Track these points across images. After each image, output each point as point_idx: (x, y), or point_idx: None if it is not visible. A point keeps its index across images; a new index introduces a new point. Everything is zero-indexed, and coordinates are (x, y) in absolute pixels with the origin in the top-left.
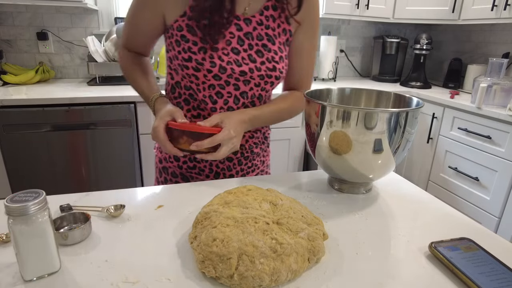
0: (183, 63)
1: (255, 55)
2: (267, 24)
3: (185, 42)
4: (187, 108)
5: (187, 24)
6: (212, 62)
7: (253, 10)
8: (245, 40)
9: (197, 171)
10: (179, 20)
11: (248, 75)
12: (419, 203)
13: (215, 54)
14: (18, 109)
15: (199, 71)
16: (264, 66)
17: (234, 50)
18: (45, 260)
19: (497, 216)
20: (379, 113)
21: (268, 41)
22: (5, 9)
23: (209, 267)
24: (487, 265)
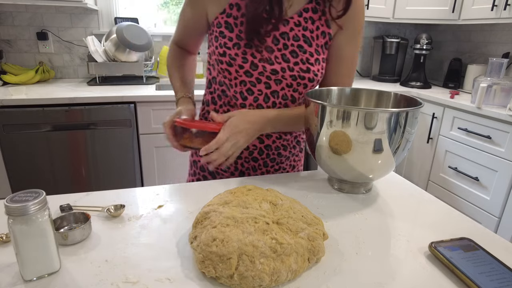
0: (219, 57)
1: (289, 55)
2: (305, 25)
3: (222, 37)
4: (219, 103)
5: (226, 21)
6: (244, 58)
7: (292, 11)
8: (280, 39)
9: (224, 168)
10: (219, 17)
11: (279, 74)
12: (419, 203)
13: (248, 50)
14: (18, 109)
15: (232, 66)
16: (298, 67)
17: (267, 48)
18: (45, 260)
19: (497, 216)
20: (379, 113)
21: (305, 43)
22: (5, 9)
23: (209, 267)
24: (487, 265)
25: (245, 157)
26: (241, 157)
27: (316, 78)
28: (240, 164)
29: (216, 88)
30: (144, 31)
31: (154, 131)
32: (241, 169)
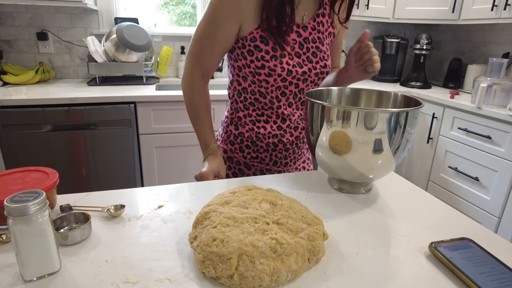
0: (256, 70)
1: (311, 57)
2: (319, 29)
3: (258, 51)
4: (252, 109)
5: (261, 35)
6: (282, 67)
7: (308, 17)
8: (304, 44)
9: (259, 160)
10: (254, 32)
11: (307, 74)
12: (419, 203)
13: (284, 60)
14: (18, 109)
15: (271, 76)
16: (319, 65)
17: (296, 54)
18: (45, 260)
19: (497, 216)
20: (379, 113)
21: (320, 43)
22: (5, 9)
23: (209, 267)
24: (487, 265)
25: (279, 149)
26: (276, 149)
27: (329, 70)
28: (274, 155)
29: (247, 97)
30: (144, 31)
31: (154, 131)
32: (275, 159)
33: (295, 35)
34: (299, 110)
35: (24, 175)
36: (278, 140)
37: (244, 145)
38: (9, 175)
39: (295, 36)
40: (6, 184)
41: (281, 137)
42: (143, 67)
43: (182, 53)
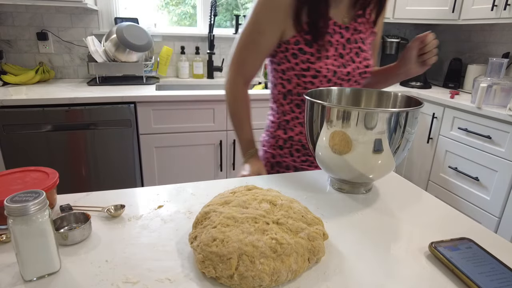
0: (301, 72)
1: (354, 57)
2: (360, 29)
3: (302, 54)
4: (298, 111)
5: (305, 38)
6: (327, 68)
7: (349, 19)
8: (347, 45)
9: (309, 164)
10: (297, 36)
11: (351, 74)
12: (419, 203)
13: (328, 61)
14: (18, 109)
15: (317, 78)
16: (362, 65)
17: (340, 55)
18: (45, 260)
19: (497, 216)
20: (379, 113)
21: (362, 43)
22: (5, 9)
23: (209, 267)
24: (487, 265)
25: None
26: None
27: (371, 69)
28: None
29: (293, 99)
30: (144, 31)
31: (154, 131)
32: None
33: (338, 36)
34: None
35: (24, 175)
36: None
37: (294, 149)
38: (9, 175)
39: (338, 37)
40: (6, 184)
41: None
42: (143, 67)
43: (182, 53)
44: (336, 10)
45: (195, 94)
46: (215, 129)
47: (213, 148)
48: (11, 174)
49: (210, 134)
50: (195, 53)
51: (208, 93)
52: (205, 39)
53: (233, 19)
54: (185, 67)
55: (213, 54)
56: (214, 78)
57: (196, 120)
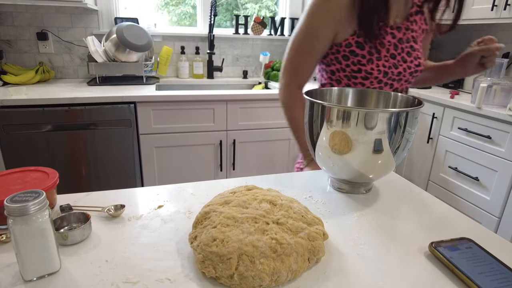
0: (352, 74)
1: (406, 56)
2: (412, 28)
3: (354, 56)
4: None
5: (356, 41)
6: (378, 70)
7: (401, 18)
8: (398, 45)
9: None
10: (349, 39)
11: (402, 74)
12: (419, 203)
13: (380, 62)
14: (18, 109)
15: (367, 79)
16: (413, 64)
17: (392, 56)
18: (45, 260)
19: (497, 216)
20: (379, 113)
21: (414, 42)
22: (5, 9)
23: (209, 267)
24: (487, 265)
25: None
26: None
27: (422, 67)
28: None
29: None
30: (144, 31)
31: (154, 131)
32: None
33: (390, 37)
34: None
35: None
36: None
37: None
38: (9, 175)
39: (390, 38)
40: (6, 184)
41: None
42: (143, 67)
43: (182, 53)
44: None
45: (195, 94)
46: (215, 129)
47: (213, 148)
48: (11, 174)
49: (210, 134)
50: (195, 53)
51: (208, 93)
52: (205, 39)
53: (233, 19)
54: (185, 67)
55: (213, 54)
56: (214, 78)
57: (196, 120)
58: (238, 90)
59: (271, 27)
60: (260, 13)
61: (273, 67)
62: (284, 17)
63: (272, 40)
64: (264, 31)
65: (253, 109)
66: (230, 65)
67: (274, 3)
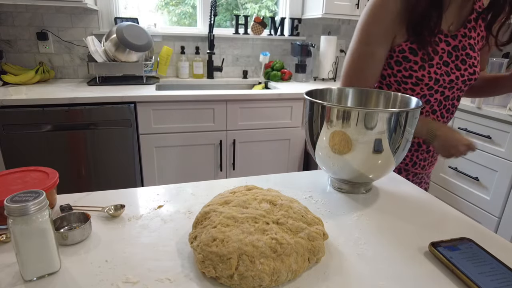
0: (403, 79)
1: (460, 64)
2: (470, 35)
3: (406, 62)
4: None
5: (410, 47)
6: (430, 76)
7: (457, 26)
8: (453, 52)
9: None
10: (403, 44)
11: (454, 82)
12: (419, 203)
13: (431, 69)
14: (18, 109)
15: (418, 85)
16: (467, 72)
17: (445, 63)
18: (45, 260)
19: (497, 216)
20: (379, 113)
21: (470, 50)
22: (5, 9)
23: (209, 267)
24: (487, 265)
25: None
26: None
27: (477, 76)
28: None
29: None
30: (144, 31)
31: (154, 131)
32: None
33: (444, 45)
34: (443, 118)
35: (24, 175)
36: (422, 140)
37: None
38: (9, 175)
39: (444, 46)
40: (6, 184)
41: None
42: (143, 67)
43: (182, 53)
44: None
45: (195, 94)
46: (215, 129)
47: (213, 148)
48: (11, 174)
49: (210, 134)
50: (195, 53)
51: (208, 93)
52: (205, 39)
53: (233, 19)
54: (185, 67)
55: (213, 54)
56: (214, 78)
57: (196, 120)
58: (238, 90)
59: (271, 27)
60: (260, 13)
61: (273, 67)
62: (284, 17)
63: (272, 40)
64: (264, 31)
65: (253, 109)
66: (230, 65)
67: (274, 3)
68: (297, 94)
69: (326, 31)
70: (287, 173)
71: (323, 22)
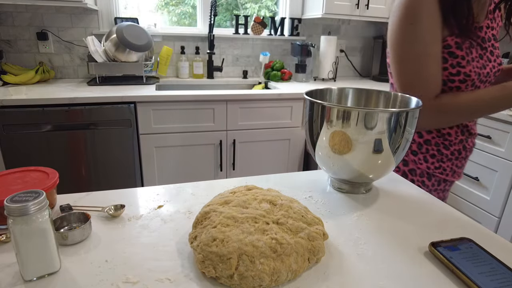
0: (450, 77)
1: (490, 56)
2: (492, 26)
3: (453, 58)
4: None
5: (456, 41)
6: (474, 71)
7: (481, 17)
8: (482, 44)
9: (441, 171)
10: (448, 39)
11: (489, 75)
12: (419, 203)
13: (476, 64)
14: (18, 109)
15: (464, 82)
16: (496, 63)
17: (480, 56)
18: (45, 260)
19: (497, 216)
20: (379, 113)
21: (494, 40)
22: (5, 9)
23: (209, 267)
24: (487, 265)
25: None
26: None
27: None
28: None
29: None
30: (144, 31)
31: (154, 131)
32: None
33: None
34: None
35: (24, 175)
36: (462, 146)
37: (429, 154)
38: (9, 175)
39: (475, 38)
40: (6, 184)
41: (465, 142)
42: (143, 67)
43: (182, 53)
44: None
45: (195, 94)
46: (215, 129)
47: (213, 148)
48: (11, 174)
49: (210, 134)
50: (195, 53)
51: (208, 93)
52: (205, 39)
53: (233, 19)
54: (185, 67)
55: (213, 54)
56: (214, 78)
57: (196, 120)
58: (238, 90)
59: (271, 27)
60: (260, 13)
61: (273, 67)
62: (284, 17)
63: (272, 40)
64: (264, 31)
65: (253, 109)
66: (230, 65)
67: (274, 3)
68: (297, 94)
69: (326, 31)
70: (287, 173)
71: (323, 22)
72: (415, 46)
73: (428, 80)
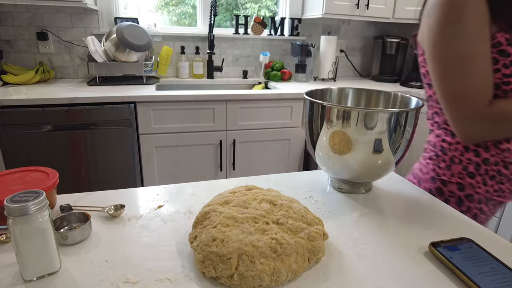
0: (503, 79)
1: None
2: None
3: (505, 57)
4: None
5: (506, 37)
6: None
7: None
8: None
9: (499, 193)
10: (498, 36)
11: None
12: (419, 203)
13: None
14: (18, 109)
15: None
16: None
17: None
18: (45, 260)
19: (497, 216)
20: (379, 113)
21: None
22: (5, 9)
23: (209, 267)
24: (487, 265)
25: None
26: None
27: None
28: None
29: None
30: (144, 31)
31: (154, 131)
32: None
33: None
34: None
35: (24, 175)
36: None
37: (489, 176)
38: (9, 175)
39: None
40: (6, 184)
41: None
42: (143, 67)
43: (182, 53)
44: None
45: (195, 94)
46: (215, 129)
47: (213, 148)
48: (11, 174)
49: (210, 134)
50: (195, 53)
51: (208, 93)
52: (205, 39)
53: (233, 19)
54: (185, 67)
55: (213, 54)
56: (214, 78)
57: (196, 120)
58: (238, 90)
59: (271, 27)
60: (260, 13)
61: (273, 67)
62: (284, 17)
63: (272, 40)
64: (264, 31)
65: (253, 109)
66: (230, 65)
67: (274, 3)
68: (297, 94)
69: (326, 31)
70: (287, 173)
71: (323, 22)
72: (461, 47)
73: (480, 84)
